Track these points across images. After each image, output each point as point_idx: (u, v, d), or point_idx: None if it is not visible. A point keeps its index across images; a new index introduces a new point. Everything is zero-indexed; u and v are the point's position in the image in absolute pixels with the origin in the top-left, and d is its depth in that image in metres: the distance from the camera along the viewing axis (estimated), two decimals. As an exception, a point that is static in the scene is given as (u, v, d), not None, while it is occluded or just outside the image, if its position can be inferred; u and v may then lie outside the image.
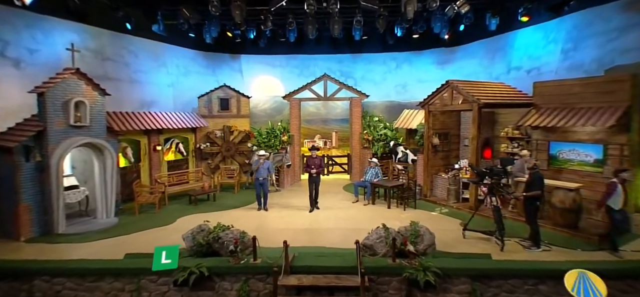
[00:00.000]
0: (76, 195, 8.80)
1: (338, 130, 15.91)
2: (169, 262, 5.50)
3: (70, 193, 8.67)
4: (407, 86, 15.54)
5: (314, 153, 10.05)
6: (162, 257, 5.52)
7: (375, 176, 10.68)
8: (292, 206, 10.46)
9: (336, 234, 8.05)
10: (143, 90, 12.59)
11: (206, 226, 6.92)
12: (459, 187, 10.31)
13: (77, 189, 8.89)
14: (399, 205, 10.15)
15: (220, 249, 6.44)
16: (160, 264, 5.55)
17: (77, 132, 8.42)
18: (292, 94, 13.68)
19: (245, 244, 6.44)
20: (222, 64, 15.64)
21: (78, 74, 8.45)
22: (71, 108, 8.21)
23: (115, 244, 7.47)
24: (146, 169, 11.59)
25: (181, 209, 10.09)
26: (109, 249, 7.21)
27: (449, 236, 7.72)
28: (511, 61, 12.38)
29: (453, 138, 11.61)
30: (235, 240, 6.19)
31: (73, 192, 8.76)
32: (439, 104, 10.47)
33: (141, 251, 6.86)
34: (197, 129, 13.27)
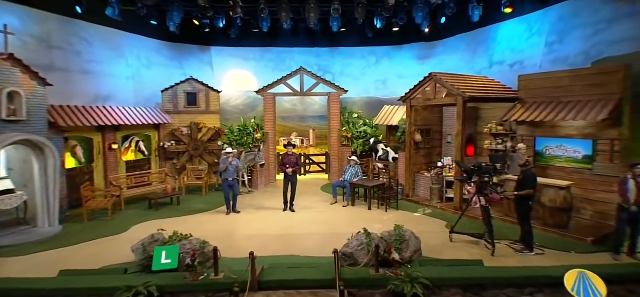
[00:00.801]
0: (12, 200, 7.57)
1: (316, 128, 15.15)
2: (169, 263, 4.97)
3: (4, 198, 7.44)
4: (387, 82, 14.99)
5: (290, 150, 9.25)
6: (162, 257, 5.03)
7: (354, 175, 9.99)
8: (266, 208, 9.61)
9: (313, 240, 7.27)
10: (98, 83, 11.35)
11: (160, 235, 5.97)
12: (442, 186, 9.77)
13: (14, 194, 7.66)
14: (381, 206, 9.50)
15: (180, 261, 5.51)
16: (160, 264, 4.98)
17: (10, 128, 7.27)
18: (266, 89, 12.81)
19: (205, 255, 5.56)
20: (189, 56, 14.54)
21: (12, 61, 7.29)
22: (3, 100, 7.04)
23: (53, 258, 6.39)
24: (100, 171, 10.41)
25: (139, 215, 9.03)
26: (45, 264, 6.14)
27: (435, 239, 7.11)
28: (493, 55, 12.01)
29: (435, 135, 11.10)
30: (193, 252, 5.30)
31: (8, 197, 7.52)
32: (422, 98, 9.90)
33: (81, 267, 5.84)
34: (161, 126, 12.17)
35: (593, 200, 7.85)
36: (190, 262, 5.22)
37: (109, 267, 5.91)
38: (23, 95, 7.39)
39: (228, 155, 9.20)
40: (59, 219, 8.50)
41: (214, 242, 6.93)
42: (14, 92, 7.27)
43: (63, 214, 8.69)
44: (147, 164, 11.94)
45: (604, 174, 7.66)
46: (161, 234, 6.04)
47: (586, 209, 7.97)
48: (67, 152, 9.60)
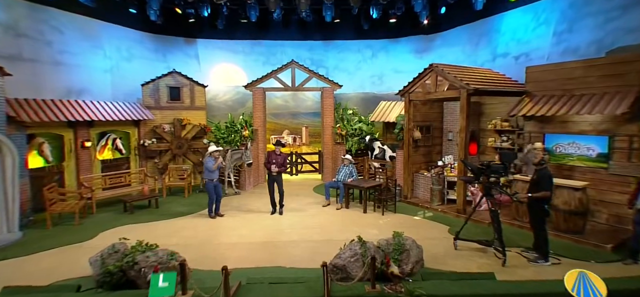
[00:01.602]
0: (-38, 205, 6.75)
1: (309, 125, 14.38)
2: (166, 286, 4.26)
3: (-48, 202, 6.62)
4: (383, 77, 14.25)
5: (278, 149, 8.46)
6: (160, 281, 4.29)
7: (349, 175, 9.24)
8: (252, 211, 8.83)
9: (301, 248, 6.50)
10: (71, 76, 10.48)
11: (122, 245, 5.18)
12: (443, 187, 9.05)
13: (-36, 197, 6.83)
14: (377, 208, 8.76)
15: (138, 279, 4.73)
16: (157, 289, 4.24)
17: (-42, 122, 6.41)
18: (255, 83, 12.02)
19: (174, 270, 4.76)
20: (174, 48, 13.70)
21: (-41, 45, 6.42)
22: (-53, 89, 6.21)
23: (2, 271, 5.56)
24: (72, 170, 9.56)
25: (111, 220, 8.22)
26: None
27: (438, 247, 6.37)
28: (497, 47, 11.31)
29: (436, 132, 10.38)
30: (156, 267, 4.51)
31: (-43, 201, 6.71)
32: (421, 92, 9.17)
33: (32, 281, 5.03)
34: (141, 123, 11.33)
35: (608, 202, 7.17)
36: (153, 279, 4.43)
37: (63, 282, 5.11)
38: (-26, 85, 6.55)
39: (214, 154, 8.41)
40: (21, 224, 7.68)
41: (191, 251, 6.22)
42: (-37, 81, 6.42)
43: (26, 218, 7.85)
44: (126, 163, 11.10)
45: (621, 173, 6.99)
46: (123, 243, 5.25)
47: (601, 211, 7.29)
48: (33, 150, 8.78)
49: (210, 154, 8.41)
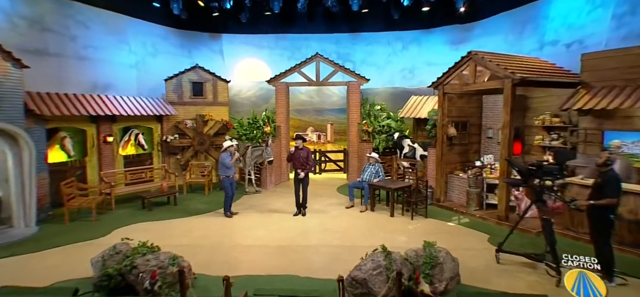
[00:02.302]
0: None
1: (334, 122, 13.72)
2: None
3: (-28, 195, 6.59)
4: (415, 70, 13.32)
5: (299, 144, 7.88)
6: None
7: (374, 175, 8.49)
8: (271, 211, 8.31)
9: (320, 254, 5.88)
10: (96, 71, 10.47)
11: (124, 245, 4.80)
12: (482, 189, 8.10)
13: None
14: (406, 212, 7.96)
15: (137, 284, 4.30)
16: None
17: (-25, 115, 6.35)
18: (278, 78, 11.53)
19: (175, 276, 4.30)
20: (199, 44, 13.51)
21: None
22: (-35, 81, 6.15)
23: (8, 268, 5.37)
24: (94, 166, 9.50)
25: (128, 216, 7.99)
26: None
27: (477, 259, 5.52)
28: (545, 34, 10.11)
29: (473, 128, 9.38)
30: (153, 273, 4.05)
31: (-24, 194, 6.68)
32: (458, 84, 8.26)
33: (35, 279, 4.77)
34: (164, 118, 11.17)
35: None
36: (150, 285, 3.98)
37: (63, 283, 4.79)
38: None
39: (230, 149, 8.00)
40: (40, 218, 7.62)
41: (201, 254, 5.79)
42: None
43: (45, 213, 7.79)
44: (149, 159, 10.98)
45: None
46: (126, 244, 4.87)
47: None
48: (55, 144, 8.76)
49: (226, 149, 7.98)
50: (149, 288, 3.98)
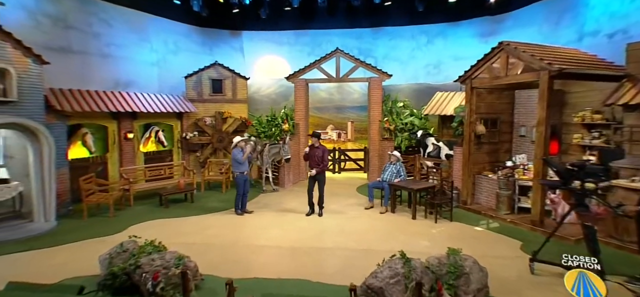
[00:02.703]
0: (4, 192, 6.80)
1: (355, 120, 13.30)
2: None
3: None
4: (440, 65, 12.70)
5: (315, 142, 7.56)
6: None
7: (396, 174, 8.04)
8: (287, 211, 8.04)
9: (334, 258, 5.53)
10: (118, 68, 10.60)
11: (132, 244, 4.65)
12: (513, 192, 7.49)
13: (7, 185, 6.89)
14: (429, 215, 7.47)
15: (141, 284, 4.12)
16: None
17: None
18: (297, 74, 11.26)
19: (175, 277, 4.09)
20: (220, 42, 13.49)
21: (0, 34, 6.43)
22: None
23: (22, 262, 5.38)
24: (115, 162, 9.58)
25: (145, 213, 7.96)
26: (8, 268, 5.14)
27: (508, 269, 5.00)
28: (584, 24, 9.29)
29: (504, 126, 8.73)
30: (155, 274, 3.85)
31: (0, 188, 6.77)
32: (487, 77, 7.67)
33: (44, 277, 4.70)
34: (184, 115, 11.17)
35: None
36: (152, 286, 3.78)
37: (71, 280, 4.70)
38: (14, 73, 6.53)
39: (241, 145, 7.80)
40: (61, 213, 7.70)
41: (212, 253, 5.59)
42: (3, 69, 6.42)
43: (65, 208, 7.88)
44: (169, 156, 11.01)
45: None
46: (133, 242, 4.73)
47: None
48: (77, 140, 8.88)
49: (236, 145, 7.79)
50: (150, 290, 3.78)
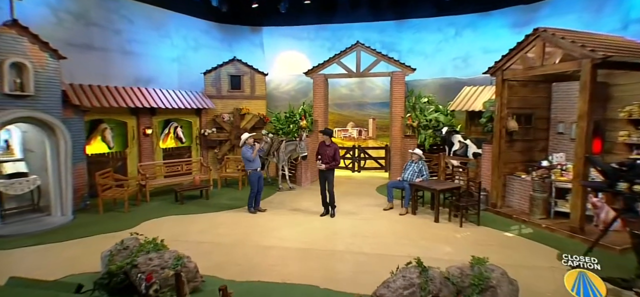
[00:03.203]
0: (22, 185, 6.89)
1: (376, 117, 12.79)
2: None
3: (14, 182, 6.76)
4: (469, 59, 11.95)
5: (327, 139, 7.17)
6: None
7: (417, 174, 7.51)
8: (301, 210, 7.71)
9: (346, 262, 5.13)
10: (139, 64, 10.67)
11: (133, 241, 4.47)
12: (549, 194, 6.78)
13: (26, 178, 6.98)
14: (453, 218, 6.90)
15: (136, 284, 3.90)
16: None
17: (15, 104, 6.50)
18: (316, 70, 10.92)
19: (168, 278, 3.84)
20: (240, 38, 13.37)
21: (17, 29, 6.49)
22: (5, 71, 6.28)
23: (31, 257, 5.35)
24: (134, 157, 9.62)
25: (159, 209, 7.89)
26: (17, 262, 5.13)
27: (542, 281, 4.41)
28: (630, 10, 8.39)
29: (539, 122, 7.97)
30: (149, 275, 3.62)
31: (19, 182, 6.84)
32: (521, 68, 6.99)
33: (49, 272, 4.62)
34: (203, 112, 11.11)
35: None
36: (145, 289, 3.55)
37: (74, 276, 4.59)
38: (31, 67, 6.59)
39: (249, 141, 7.55)
40: (79, 207, 7.77)
41: (218, 253, 5.35)
42: (20, 63, 6.48)
43: (83, 202, 7.94)
44: (188, 152, 10.98)
45: None
46: (135, 239, 4.55)
47: None
48: (98, 135, 8.96)
49: (245, 142, 7.53)
50: (143, 291, 3.55)
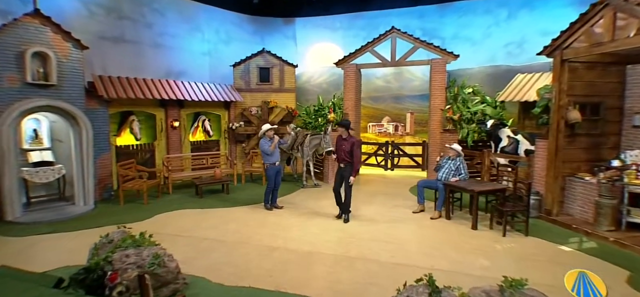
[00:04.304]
0: (47, 174, 7.07)
1: (415, 111, 11.75)
2: None
3: (39, 171, 6.96)
4: (524, 44, 10.49)
5: (343, 132, 6.28)
6: None
7: (454, 172, 6.51)
8: (318, 210, 7.06)
9: (354, 271, 4.41)
10: (170, 58, 10.75)
11: (119, 234, 4.17)
12: (620, 201, 5.47)
13: (51, 167, 7.16)
14: (496, 225, 5.84)
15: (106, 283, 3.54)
16: None
17: (38, 93, 6.64)
18: (347, 59, 10.21)
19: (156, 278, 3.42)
20: (272, 30, 13.07)
21: (40, 18, 6.62)
22: (27, 60, 6.42)
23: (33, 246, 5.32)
24: (162, 150, 9.64)
25: (177, 202, 7.73)
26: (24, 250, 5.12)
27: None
28: None
29: (609, 113, 6.55)
30: (113, 275, 3.23)
31: (43, 170, 7.04)
32: (585, 45, 5.74)
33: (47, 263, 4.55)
34: (232, 105, 10.92)
35: None
36: (109, 290, 3.16)
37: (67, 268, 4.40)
38: (53, 57, 6.70)
39: (269, 134, 7.08)
40: (103, 198, 7.89)
41: (215, 253, 4.93)
42: (42, 53, 6.61)
43: (108, 193, 8.05)
44: (216, 146, 10.86)
45: None
46: (122, 231, 4.25)
47: None
48: (127, 127, 9.08)
49: (265, 134, 7.05)
50: (107, 293, 3.17)
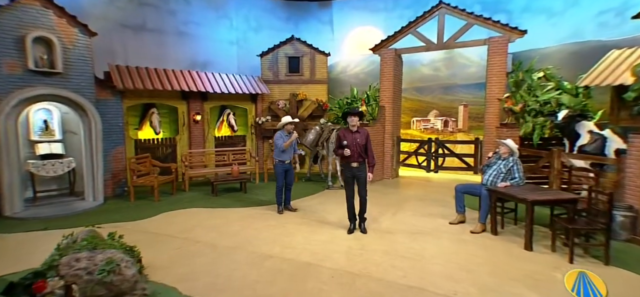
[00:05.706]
0: (56, 167, 7.16)
1: (470, 103, 10.43)
2: None
3: (46, 163, 7.06)
4: (624, 12, 8.58)
5: (353, 123, 5.33)
6: None
7: (504, 175, 5.34)
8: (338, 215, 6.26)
9: (351, 291, 3.63)
10: (195, 47, 10.72)
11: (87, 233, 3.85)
12: None
13: (59, 160, 7.26)
14: (564, 247, 4.62)
15: (47, 291, 3.19)
16: None
17: (42, 81, 6.70)
18: (384, 44, 9.33)
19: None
20: (307, 15, 12.57)
21: (42, 1, 6.63)
22: (28, 45, 6.46)
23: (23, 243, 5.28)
24: (185, 144, 9.55)
25: (191, 199, 7.54)
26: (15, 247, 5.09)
27: None
28: None
29: None
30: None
31: (51, 163, 7.13)
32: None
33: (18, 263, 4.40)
34: (259, 98, 10.59)
35: None
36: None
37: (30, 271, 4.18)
38: (58, 43, 6.75)
39: (288, 128, 6.49)
40: (116, 193, 7.93)
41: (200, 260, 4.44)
42: (45, 38, 6.65)
43: (120, 188, 8.07)
44: (242, 141, 10.60)
45: None
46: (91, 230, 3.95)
47: None
48: (147, 120, 9.11)
49: (283, 126, 6.47)
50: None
